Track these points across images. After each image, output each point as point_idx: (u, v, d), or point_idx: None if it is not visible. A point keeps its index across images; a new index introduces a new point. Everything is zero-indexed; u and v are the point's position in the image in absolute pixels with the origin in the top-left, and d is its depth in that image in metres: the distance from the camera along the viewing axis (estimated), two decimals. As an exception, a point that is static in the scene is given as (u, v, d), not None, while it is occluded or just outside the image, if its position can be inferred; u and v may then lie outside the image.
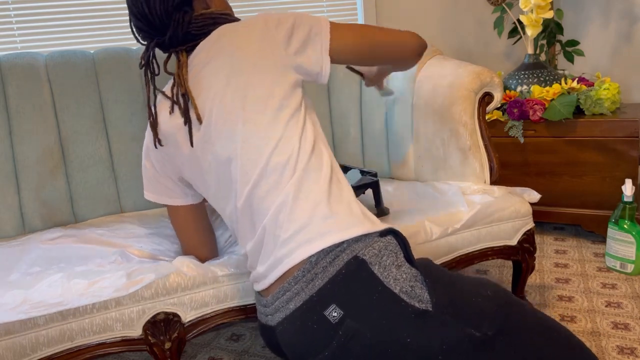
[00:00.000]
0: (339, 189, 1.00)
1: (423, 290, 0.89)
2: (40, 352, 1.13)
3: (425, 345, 0.85)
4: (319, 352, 0.89)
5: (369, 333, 0.86)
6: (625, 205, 1.77)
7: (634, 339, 1.46)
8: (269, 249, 0.97)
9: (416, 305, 0.87)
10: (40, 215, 1.62)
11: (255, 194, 0.98)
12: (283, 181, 0.97)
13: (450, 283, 0.93)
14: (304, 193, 0.96)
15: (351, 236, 0.92)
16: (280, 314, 0.94)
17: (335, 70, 1.94)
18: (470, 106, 1.60)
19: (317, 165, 0.99)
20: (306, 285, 0.90)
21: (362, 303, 0.87)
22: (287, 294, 0.92)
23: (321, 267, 0.90)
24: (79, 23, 2.05)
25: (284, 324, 0.93)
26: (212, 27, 1.12)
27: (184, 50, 1.11)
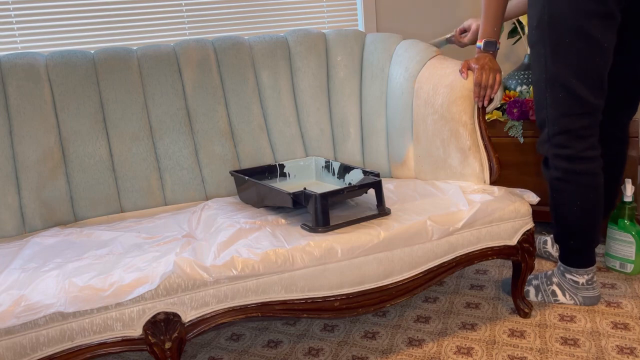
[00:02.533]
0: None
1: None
2: (40, 352, 1.13)
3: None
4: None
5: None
6: (625, 205, 1.77)
7: (634, 339, 1.46)
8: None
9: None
10: (40, 215, 1.62)
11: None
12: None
13: None
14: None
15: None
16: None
17: (335, 69, 1.95)
18: (470, 106, 1.60)
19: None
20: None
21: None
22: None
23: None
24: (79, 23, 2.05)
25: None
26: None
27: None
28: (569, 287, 1.64)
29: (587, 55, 1.43)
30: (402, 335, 1.58)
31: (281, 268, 1.26)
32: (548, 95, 1.51)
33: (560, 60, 1.46)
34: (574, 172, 1.53)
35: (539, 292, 1.69)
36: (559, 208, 1.59)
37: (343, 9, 2.44)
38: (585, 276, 1.62)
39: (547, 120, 1.54)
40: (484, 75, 1.57)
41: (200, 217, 1.53)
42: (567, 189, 1.55)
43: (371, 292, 1.37)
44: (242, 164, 1.84)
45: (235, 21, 2.26)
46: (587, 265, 1.61)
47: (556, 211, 1.60)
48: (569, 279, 1.64)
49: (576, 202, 1.54)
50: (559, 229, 1.63)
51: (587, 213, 1.55)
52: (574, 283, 1.63)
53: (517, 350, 1.45)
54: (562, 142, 1.52)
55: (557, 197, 1.58)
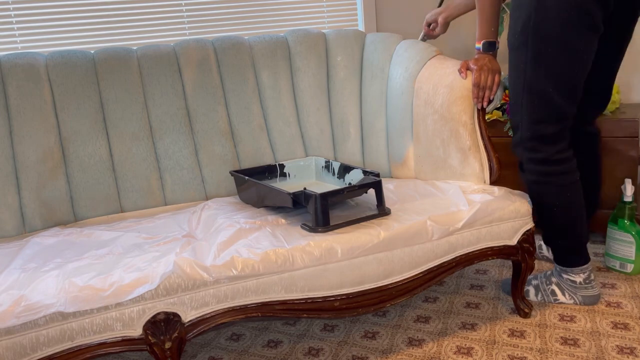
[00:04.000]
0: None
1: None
2: (40, 352, 1.13)
3: None
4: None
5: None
6: (625, 205, 1.77)
7: (634, 339, 1.46)
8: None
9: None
10: (41, 215, 1.62)
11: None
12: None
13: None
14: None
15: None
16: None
17: (335, 69, 1.95)
18: (470, 106, 1.60)
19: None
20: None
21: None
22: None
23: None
24: (79, 23, 2.05)
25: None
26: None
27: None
28: (567, 286, 1.65)
29: (567, 66, 1.45)
30: (402, 335, 1.58)
31: (281, 268, 1.26)
32: (523, 101, 1.51)
33: (540, 68, 1.46)
34: (548, 174, 1.54)
35: (538, 291, 1.69)
36: (541, 210, 1.60)
37: (343, 9, 2.45)
38: (582, 275, 1.63)
39: (521, 124, 1.54)
40: (482, 76, 1.57)
41: (200, 217, 1.53)
42: (545, 191, 1.56)
43: (371, 292, 1.37)
44: (242, 164, 1.84)
45: (235, 21, 2.26)
46: (581, 263, 1.62)
47: (539, 214, 1.60)
48: (566, 279, 1.65)
49: (556, 203, 1.56)
50: (546, 231, 1.65)
51: (569, 211, 1.57)
52: (572, 282, 1.64)
53: (517, 350, 1.45)
54: (534, 147, 1.53)
55: (537, 199, 1.59)
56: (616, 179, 1.95)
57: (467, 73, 1.60)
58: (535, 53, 1.45)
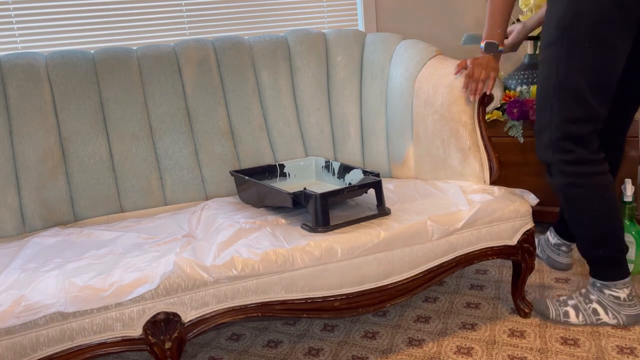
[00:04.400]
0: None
1: None
2: (40, 352, 1.13)
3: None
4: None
5: None
6: (625, 205, 1.77)
7: (634, 339, 1.46)
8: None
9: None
10: (41, 215, 1.62)
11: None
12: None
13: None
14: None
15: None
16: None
17: (335, 69, 1.95)
18: (470, 106, 1.60)
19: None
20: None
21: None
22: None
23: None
24: (79, 23, 2.05)
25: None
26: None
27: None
28: (610, 304, 1.51)
29: (602, 63, 1.40)
30: (402, 335, 1.58)
31: (281, 268, 1.26)
32: (555, 99, 1.45)
33: (575, 64, 1.41)
34: (584, 174, 1.46)
35: (579, 312, 1.54)
36: (577, 216, 1.50)
37: (343, 9, 2.45)
38: (626, 290, 1.50)
39: (551, 125, 1.47)
40: (476, 70, 1.57)
41: (200, 217, 1.53)
42: (581, 194, 1.47)
43: (371, 292, 1.37)
44: (242, 164, 1.84)
45: (235, 21, 2.26)
46: (624, 275, 1.50)
47: (576, 221, 1.51)
48: (609, 295, 1.50)
49: (594, 206, 1.47)
50: (584, 240, 1.52)
51: (608, 214, 1.47)
52: (616, 299, 1.50)
53: (517, 350, 1.45)
54: (567, 147, 1.46)
55: (572, 205, 1.50)
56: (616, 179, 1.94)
57: (459, 71, 1.61)
58: (571, 48, 1.40)
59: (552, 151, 1.48)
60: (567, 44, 1.41)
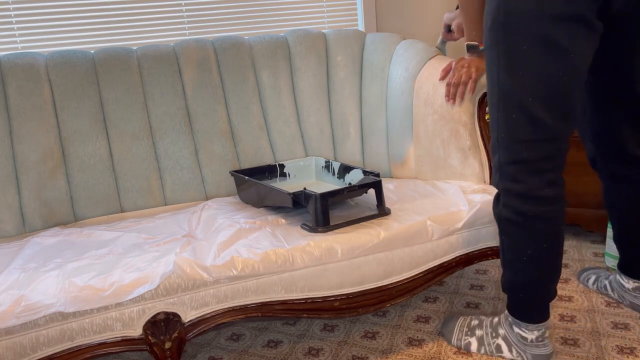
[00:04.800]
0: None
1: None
2: (40, 352, 1.13)
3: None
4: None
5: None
6: (625, 205, 1.76)
7: (634, 339, 1.46)
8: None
9: None
10: (41, 215, 1.62)
11: None
12: None
13: None
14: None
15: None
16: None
17: (335, 69, 1.95)
18: (469, 106, 1.60)
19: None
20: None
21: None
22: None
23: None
24: (79, 23, 2.05)
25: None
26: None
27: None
28: (516, 341, 1.37)
29: (548, 68, 1.16)
30: (402, 335, 1.58)
31: (281, 268, 1.26)
32: (500, 115, 1.23)
33: (514, 72, 1.19)
34: (525, 214, 1.24)
35: (482, 345, 1.42)
36: (507, 253, 1.33)
37: (343, 9, 2.44)
38: (536, 332, 1.34)
39: (499, 145, 1.26)
40: (456, 74, 1.57)
41: (200, 217, 1.53)
42: (517, 234, 1.27)
43: (371, 292, 1.37)
44: (242, 164, 1.84)
45: (235, 21, 2.26)
46: (539, 320, 1.34)
47: (504, 256, 1.34)
48: (517, 334, 1.36)
49: (526, 252, 1.27)
50: (507, 277, 1.35)
51: (540, 265, 1.29)
52: (522, 339, 1.35)
53: (517, 350, 1.45)
54: (513, 175, 1.24)
55: (505, 240, 1.32)
56: None
57: (444, 75, 1.62)
58: (507, 53, 1.19)
59: (499, 177, 1.28)
60: (503, 49, 1.19)
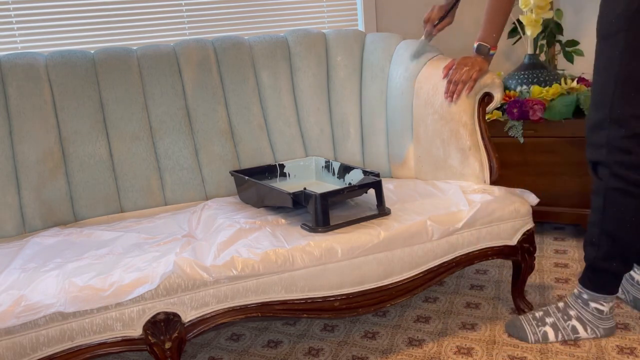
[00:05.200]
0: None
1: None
2: (40, 352, 1.13)
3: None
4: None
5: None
6: (625, 205, 1.77)
7: (634, 339, 1.46)
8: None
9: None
10: (41, 215, 1.62)
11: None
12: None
13: None
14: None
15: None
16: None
17: (335, 69, 1.95)
18: (470, 106, 1.60)
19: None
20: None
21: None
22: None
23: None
24: (79, 23, 2.05)
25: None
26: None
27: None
28: (591, 318, 1.46)
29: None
30: (402, 335, 1.58)
31: (281, 268, 1.26)
32: (617, 92, 1.32)
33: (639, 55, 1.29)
34: (634, 183, 1.34)
35: (557, 331, 1.48)
36: (612, 223, 1.39)
37: (343, 9, 2.44)
38: (611, 303, 1.45)
39: (609, 121, 1.34)
40: (457, 72, 1.57)
41: (200, 217, 1.53)
42: (626, 203, 1.36)
43: (371, 292, 1.37)
44: (242, 164, 1.84)
45: (235, 21, 2.26)
46: (615, 291, 1.45)
47: (608, 227, 1.40)
48: (594, 308, 1.45)
49: (632, 218, 1.37)
50: (602, 248, 1.41)
51: (639, 233, 1.38)
52: (599, 313, 1.45)
53: (517, 350, 1.45)
54: (627, 147, 1.33)
55: (612, 210, 1.38)
56: None
57: (446, 72, 1.61)
58: (637, 37, 1.29)
59: (607, 151, 1.36)
60: (634, 33, 1.29)
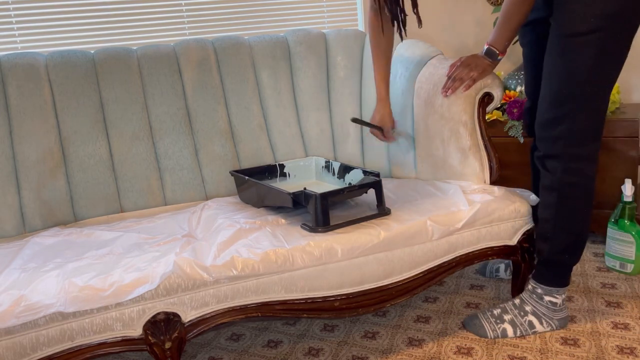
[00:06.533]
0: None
1: None
2: (40, 352, 1.13)
3: None
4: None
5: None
6: (625, 205, 1.77)
7: (634, 339, 1.46)
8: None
9: None
10: (41, 215, 1.62)
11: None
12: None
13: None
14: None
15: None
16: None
17: (335, 69, 1.95)
18: (470, 106, 1.60)
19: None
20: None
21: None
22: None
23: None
24: (79, 23, 2.05)
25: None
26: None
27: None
28: (545, 311, 1.50)
29: (625, 55, 1.38)
30: (402, 335, 1.58)
31: (281, 268, 1.26)
32: (584, 92, 1.36)
33: (612, 56, 1.35)
34: (587, 175, 1.40)
35: (515, 327, 1.51)
36: (566, 218, 1.44)
37: (343, 9, 2.44)
38: (563, 295, 1.50)
39: (571, 117, 1.37)
40: (459, 70, 1.58)
41: (200, 217, 1.53)
42: (579, 195, 1.42)
43: (371, 292, 1.37)
44: (242, 164, 1.84)
45: (235, 21, 2.26)
46: (568, 282, 1.50)
47: (562, 221, 1.44)
48: (548, 302, 1.49)
49: (583, 211, 1.43)
50: (557, 242, 1.46)
51: (588, 223, 1.46)
52: (553, 305, 1.49)
53: (517, 350, 1.45)
54: (584, 141, 1.38)
55: (566, 205, 1.43)
56: (616, 179, 1.94)
57: (451, 70, 1.61)
58: (613, 38, 1.33)
59: (565, 144, 1.39)
60: (610, 35, 1.33)
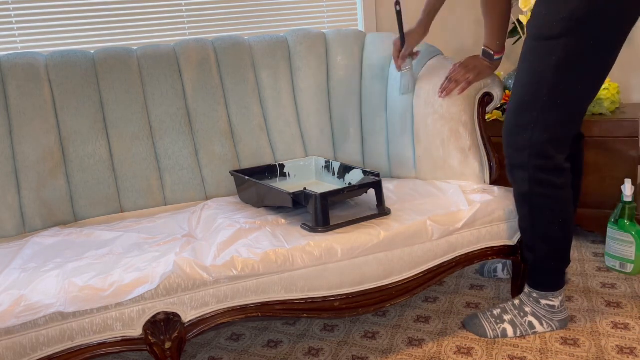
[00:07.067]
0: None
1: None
2: (40, 352, 1.13)
3: None
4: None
5: None
6: (625, 205, 1.77)
7: (634, 339, 1.46)
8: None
9: None
10: (41, 215, 1.62)
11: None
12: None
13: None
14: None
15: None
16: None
17: (335, 69, 1.95)
18: (470, 106, 1.60)
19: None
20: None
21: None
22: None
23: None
24: (79, 23, 2.05)
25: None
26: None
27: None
28: (545, 313, 1.49)
29: (605, 62, 1.31)
30: (402, 335, 1.58)
31: (281, 268, 1.26)
32: (547, 99, 1.32)
33: (581, 63, 1.29)
34: (555, 186, 1.37)
35: (516, 327, 1.51)
36: (542, 227, 1.43)
37: (343, 9, 2.44)
38: (560, 297, 1.49)
39: (535, 125, 1.34)
40: (456, 71, 1.59)
41: (200, 217, 1.53)
42: (551, 206, 1.40)
43: (371, 292, 1.37)
44: (242, 164, 1.84)
45: (235, 21, 2.26)
46: (562, 285, 1.49)
47: (539, 231, 1.44)
48: (545, 305, 1.49)
49: (558, 220, 1.41)
50: (539, 251, 1.46)
51: (568, 229, 1.43)
52: (550, 308, 1.49)
53: (517, 350, 1.45)
54: (547, 152, 1.35)
55: (540, 216, 1.42)
56: (616, 179, 1.95)
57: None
58: (580, 44, 1.27)
59: (529, 154, 1.37)
60: (576, 41, 1.27)
